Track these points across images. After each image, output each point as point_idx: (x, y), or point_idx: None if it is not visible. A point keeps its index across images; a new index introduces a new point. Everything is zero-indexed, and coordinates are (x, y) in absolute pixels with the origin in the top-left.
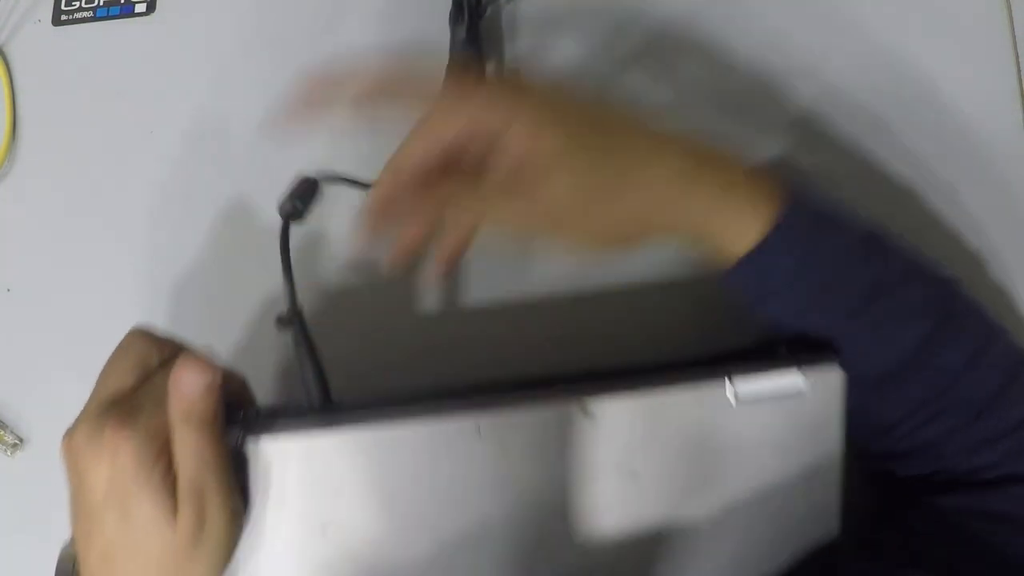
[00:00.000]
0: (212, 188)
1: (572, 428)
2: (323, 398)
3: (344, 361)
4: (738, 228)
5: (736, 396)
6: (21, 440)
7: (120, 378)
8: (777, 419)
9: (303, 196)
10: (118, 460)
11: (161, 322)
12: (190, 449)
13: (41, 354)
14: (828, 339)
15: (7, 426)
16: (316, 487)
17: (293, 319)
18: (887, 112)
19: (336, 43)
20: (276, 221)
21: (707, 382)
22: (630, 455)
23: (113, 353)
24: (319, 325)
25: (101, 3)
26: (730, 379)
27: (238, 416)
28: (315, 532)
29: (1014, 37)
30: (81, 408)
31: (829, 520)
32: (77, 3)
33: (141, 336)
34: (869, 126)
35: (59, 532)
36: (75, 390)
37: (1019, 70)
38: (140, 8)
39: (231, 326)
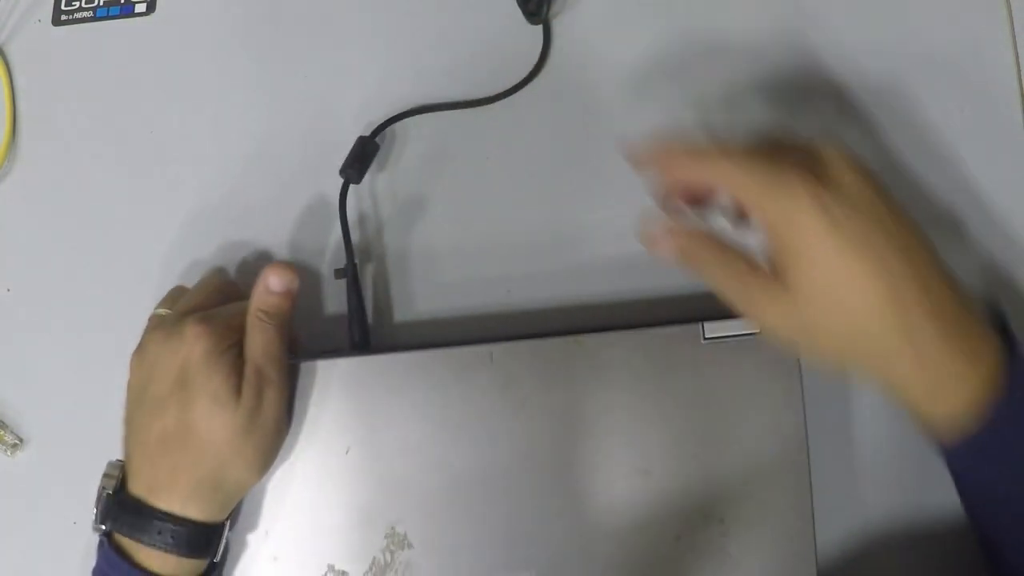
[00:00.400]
0: (211, 188)
1: (567, 357)
2: (362, 337)
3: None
4: (952, 390)
5: (704, 333)
6: (21, 440)
7: (197, 298)
8: (740, 355)
9: (362, 158)
10: (196, 348)
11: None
12: (261, 339)
13: (41, 354)
14: None
15: (7, 426)
16: (343, 411)
17: (348, 269)
18: (887, 112)
19: (336, 43)
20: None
21: (681, 325)
22: (615, 382)
23: (195, 284)
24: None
25: (101, 3)
26: (702, 323)
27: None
28: (339, 453)
29: (1014, 37)
30: (83, 407)
31: (799, 469)
32: (77, 3)
33: (219, 272)
34: (869, 126)
35: (59, 532)
36: (75, 390)
37: (1019, 70)
38: (140, 8)
39: None
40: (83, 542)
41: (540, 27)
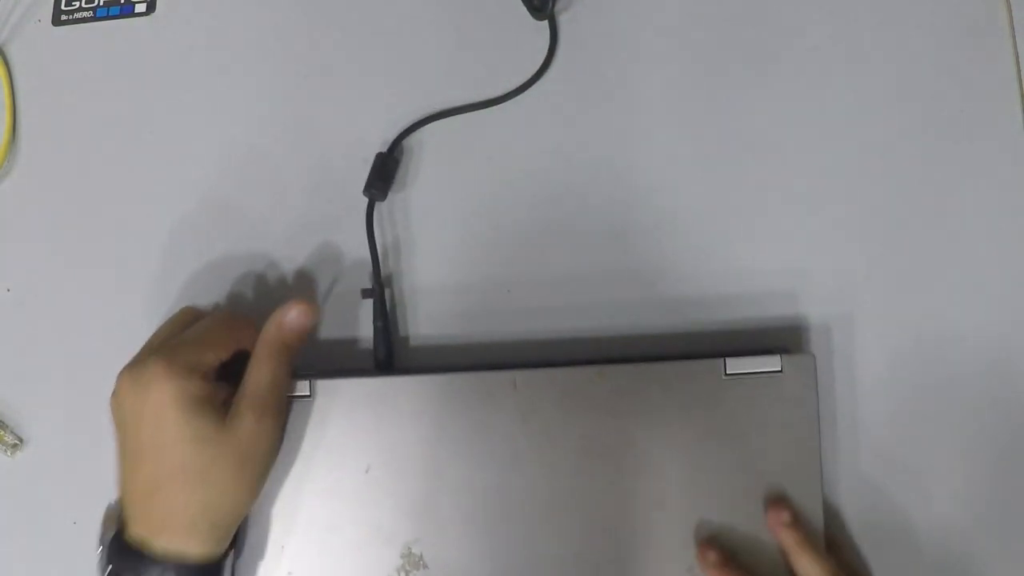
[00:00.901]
0: (211, 188)
1: (590, 387)
2: (387, 358)
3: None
4: None
5: (725, 369)
6: (21, 440)
7: (163, 333)
8: (760, 392)
9: (383, 174)
10: (164, 391)
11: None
12: (268, 369)
13: (41, 354)
14: None
15: (7, 426)
16: (364, 430)
17: (375, 289)
18: (886, 111)
19: (336, 42)
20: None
21: (703, 360)
22: (636, 414)
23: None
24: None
25: (101, 3)
26: (724, 359)
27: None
28: (359, 471)
29: (1014, 37)
30: (83, 407)
31: (812, 491)
32: (77, 3)
33: (189, 309)
34: (868, 125)
35: (59, 532)
36: (75, 390)
37: (1019, 70)
38: (140, 8)
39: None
40: (83, 542)
41: (546, 23)
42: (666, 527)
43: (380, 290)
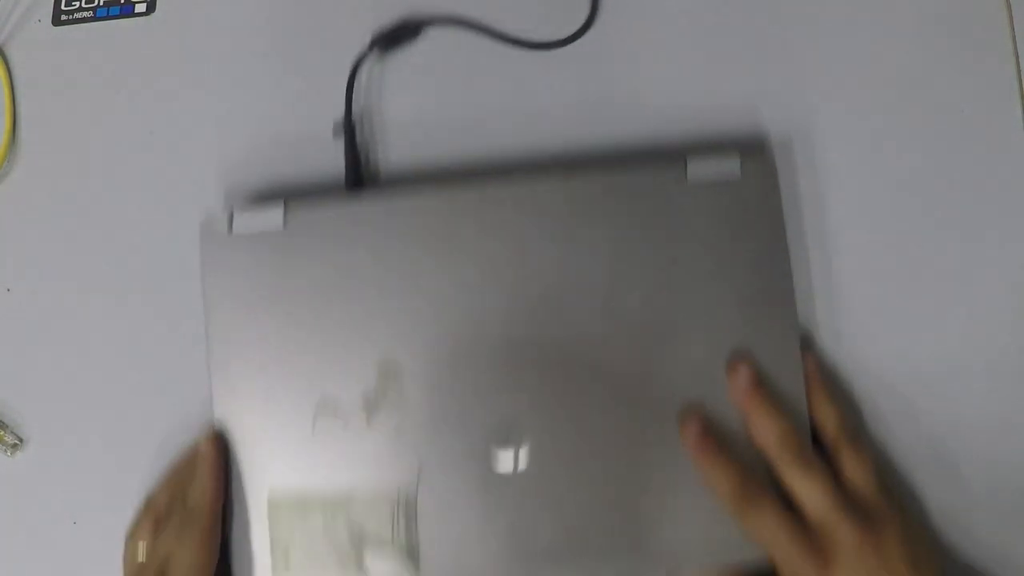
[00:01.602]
0: (211, 188)
1: (558, 195)
2: (357, 180)
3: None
4: None
5: (687, 173)
6: (21, 440)
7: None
8: (722, 198)
9: (395, 37)
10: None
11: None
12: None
13: (41, 354)
14: None
15: (7, 426)
16: (338, 249)
17: (346, 125)
18: (886, 112)
19: (336, 42)
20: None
21: (666, 166)
22: (600, 223)
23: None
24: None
25: (101, 3)
26: (685, 160)
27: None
28: (333, 287)
29: (1014, 37)
30: (83, 407)
31: (786, 303)
32: (77, 3)
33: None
34: (868, 125)
35: (59, 532)
36: (75, 390)
37: (1019, 70)
38: (140, 8)
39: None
40: (83, 542)
41: None
42: (636, 333)
43: (350, 124)
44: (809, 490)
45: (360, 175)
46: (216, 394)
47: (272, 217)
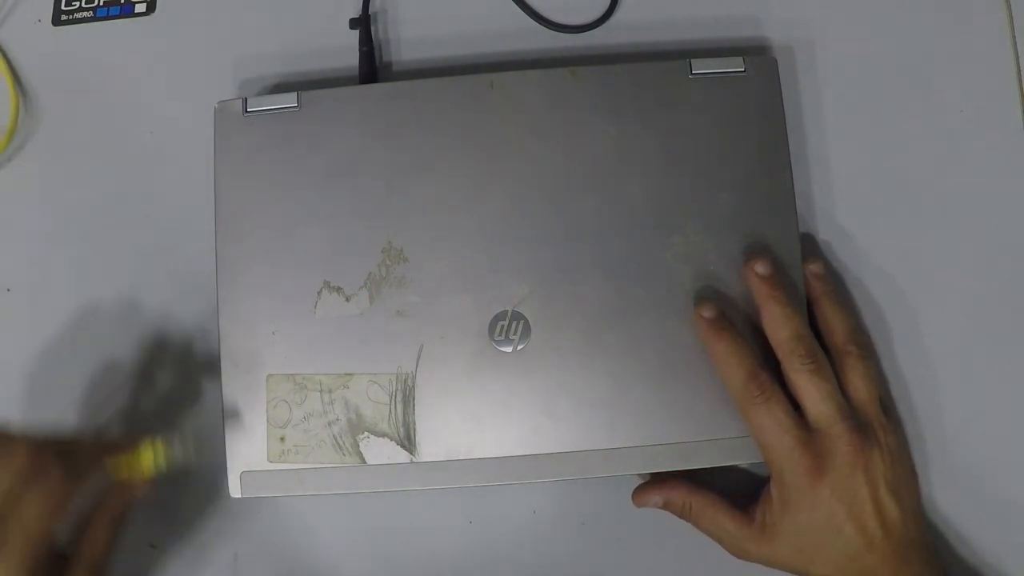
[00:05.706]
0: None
1: (563, 86)
2: (371, 73)
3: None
4: None
5: (691, 69)
6: None
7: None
8: (726, 92)
9: None
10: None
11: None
12: (106, 538)
13: (41, 354)
14: None
15: (7, 426)
16: (348, 136)
17: (363, 18)
18: (886, 112)
19: (335, 42)
20: None
21: (670, 61)
22: (605, 112)
23: None
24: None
25: (101, 3)
26: (689, 59)
27: None
28: (340, 173)
29: (1014, 37)
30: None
31: (786, 204)
32: (77, 3)
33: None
34: (867, 125)
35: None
36: (75, 390)
37: (1019, 70)
38: (140, 8)
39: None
40: None
41: None
42: (638, 220)
43: (367, 18)
44: (816, 393)
45: (375, 70)
46: (221, 273)
47: (286, 99)
